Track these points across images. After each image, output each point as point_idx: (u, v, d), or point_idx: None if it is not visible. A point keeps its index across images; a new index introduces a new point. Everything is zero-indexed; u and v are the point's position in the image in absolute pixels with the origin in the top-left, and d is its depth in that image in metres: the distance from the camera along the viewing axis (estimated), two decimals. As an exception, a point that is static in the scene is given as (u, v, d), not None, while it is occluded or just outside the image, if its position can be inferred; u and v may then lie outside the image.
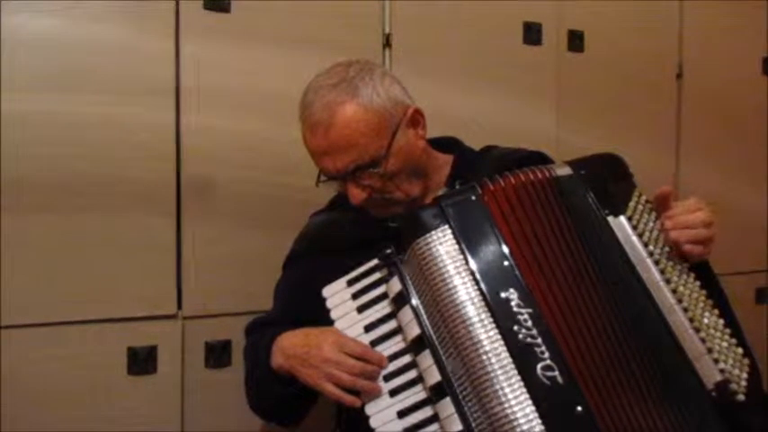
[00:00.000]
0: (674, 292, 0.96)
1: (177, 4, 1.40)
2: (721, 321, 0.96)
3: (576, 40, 1.78)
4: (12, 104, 1.29)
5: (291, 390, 1.08)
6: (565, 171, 1.04)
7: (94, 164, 1.35)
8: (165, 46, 1.40)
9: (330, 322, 1.07)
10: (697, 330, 0.94)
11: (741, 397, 0.92)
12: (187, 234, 1.42)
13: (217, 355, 1.46)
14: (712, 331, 0.95)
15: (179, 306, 1.43)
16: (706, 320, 0.95)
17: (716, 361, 0.93)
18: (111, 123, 1.36)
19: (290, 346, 1.06)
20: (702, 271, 1.00)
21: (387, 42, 1.58)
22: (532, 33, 1.73)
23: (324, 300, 1.09)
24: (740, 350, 0.95)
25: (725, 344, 0.94)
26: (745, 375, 0.93)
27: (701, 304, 0.96)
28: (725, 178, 1.98)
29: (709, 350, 0.93)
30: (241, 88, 1.46)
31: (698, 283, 0.98)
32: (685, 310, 0.95)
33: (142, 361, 1.39)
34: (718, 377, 0.92)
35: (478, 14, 1.67)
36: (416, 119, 1.14)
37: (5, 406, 1.30)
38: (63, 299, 1.34)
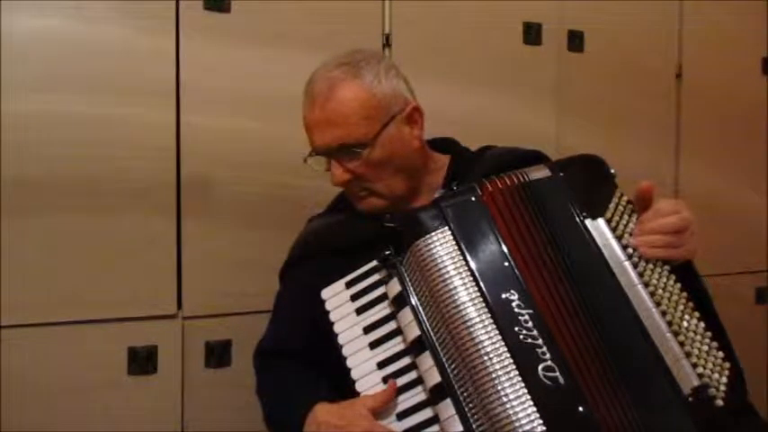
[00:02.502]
0: (652, 294, 0.95)
1: (177, 4, 1.40)
2: (702, 325, 0.94)
3: (575, 40, 1.78)
4: (12, 104, 1.29)
5: None
6: (543, 173, 1.04)
7: (95, 164, 1.35)
8: (165, 46, 1.40)
9: (330, 324, 1.07)
10: (675, 334, 0.93)
11: (719, 402, 0.91)
12: (187, 234, 1.42)
13: (217, 355, 1.46)
14: (692, 335, 0.93)
15: (179, 306, 1.43)
16: (685, 324, 0.94)
17: (694, 365, 0.91)
18: (111, 123, 1.36)
19: (325, 422, 1.03)
20: (687, 274, 0.99)
21: (387, 42, 1.57)
22: (532, 33, 1.73)
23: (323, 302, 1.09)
24: (721, 354, 0.94)
25: (705, 348, 0.93)
26: (724, 380, 0.92)
27: (681, 307, 0.95)
28: (725, 178, 1.98)
29: (688, 354, 0.92)
30: (241, 88, 1.46)
31: (678, 285, 0.96)
32: (663, 313, 0.94)
33: (142, 361, 1.39)
34: (696, 382, 0.91)
35: (478, 14, 1.67)
36: (414, 117, 1.15)
37: (5, 406, 1.30)
38: (63, 299, 1.34)
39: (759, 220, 2.05)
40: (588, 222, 0.99)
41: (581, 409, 0.89)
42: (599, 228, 0.99)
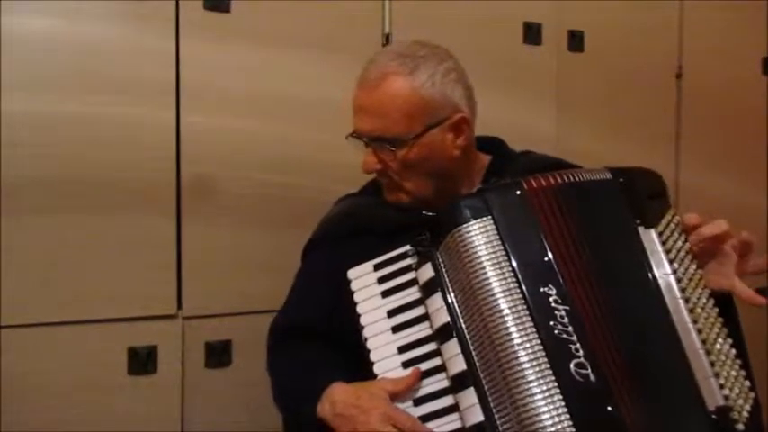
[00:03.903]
0: (690, 311, 0.95)
1: (177, 4, 1.40)
2: (734, 351, 0.95)
3: (575, 40, 1.78)
4: (12, 104, 1.29)
5: None
6: (604, 176, 1.04)
7: (94, 164, 1.35)
8: (165, 46, 1.40)
9: (353, 304, 1.06)
10: (708, 353, 0.93)
11: (741, 426, 0.91)
12: (187, 234, 1.42)
13: (217, 355, 1.46)
14: (723, 357, 0.94)
15: (179, 306, 1.43)
16: (718, 346, 0.94)
17: (721, 386, 0.92)
18: (112, 123, 1.36)
19: (341, 401, 1.02)
20: (726, 304, 1.00)
21: (387, 42, 1.57)
22: (532, 33, 1.73)
23: (349, 282, 1.07)
24: (747, 383, 0.94)
25: (733, 372, 0.94)
26: (747, 407, 0.92)
27: (716, 330, 0.96)
28: (725, 178, 1.98)
29: (716, 375, 0.92)
30: (241, 88, 1.46)
31: (716, 309, 0.97)
32: (699, 331, 0.94)
33: (142, 361, 1.39)
34: (721, 401, 0.91)
35: (478, 14, 1.67)
36: (460, 127, 1.13)
37: (5, 406, 1.30)
38: (63, 299, 1.34)
39: (759, 220, 2.05)
40: (641, 231, 0.99)
41: (609, 408, 0.88)
42: (650, 238, 0.99)
